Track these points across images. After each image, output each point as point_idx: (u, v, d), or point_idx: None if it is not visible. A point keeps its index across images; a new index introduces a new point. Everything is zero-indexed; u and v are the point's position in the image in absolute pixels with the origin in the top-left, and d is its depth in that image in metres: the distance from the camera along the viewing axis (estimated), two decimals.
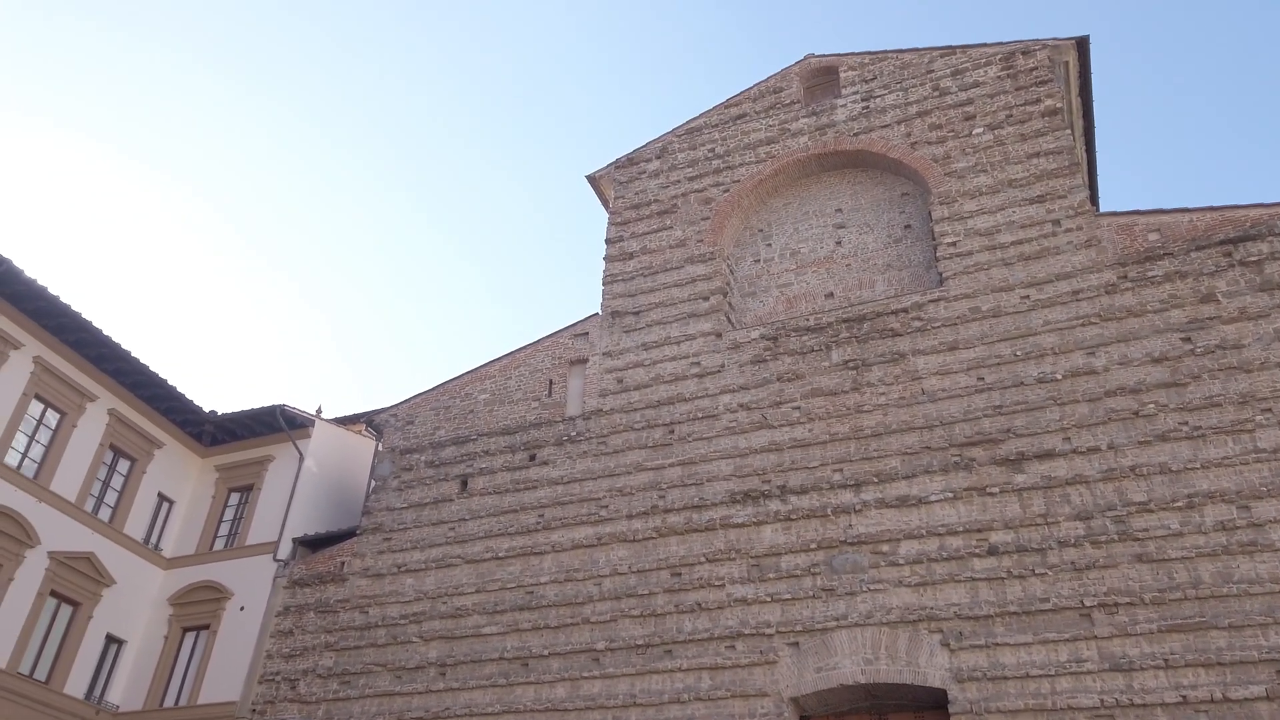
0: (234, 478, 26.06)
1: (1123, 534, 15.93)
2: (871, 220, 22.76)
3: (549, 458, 21.89)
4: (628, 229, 24.79)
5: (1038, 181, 20.40)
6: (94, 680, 22.84)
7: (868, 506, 18.04)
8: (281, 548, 23.61)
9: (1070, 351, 18.14)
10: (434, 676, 19.84)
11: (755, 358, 21.00)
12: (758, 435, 19.95)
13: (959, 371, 18.84)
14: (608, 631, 18.82)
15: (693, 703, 17.37)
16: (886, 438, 18.70)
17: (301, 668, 21.28)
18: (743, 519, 18.95)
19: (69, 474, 22.97)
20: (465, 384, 24.42)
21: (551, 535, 20.63)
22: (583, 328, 23.77)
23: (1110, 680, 14.87)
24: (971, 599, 16.35)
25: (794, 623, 17.41)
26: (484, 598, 20.43)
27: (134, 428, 24.87)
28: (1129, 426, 16.94)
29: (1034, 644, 15.55)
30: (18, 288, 21.84)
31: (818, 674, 16.80)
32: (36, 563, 21.79)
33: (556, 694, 18.53)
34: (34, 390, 22.48)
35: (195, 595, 23.99)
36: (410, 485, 23.10)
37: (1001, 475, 17.36)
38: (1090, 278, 18.76)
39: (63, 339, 23.12)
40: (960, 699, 15.55)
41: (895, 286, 21.43)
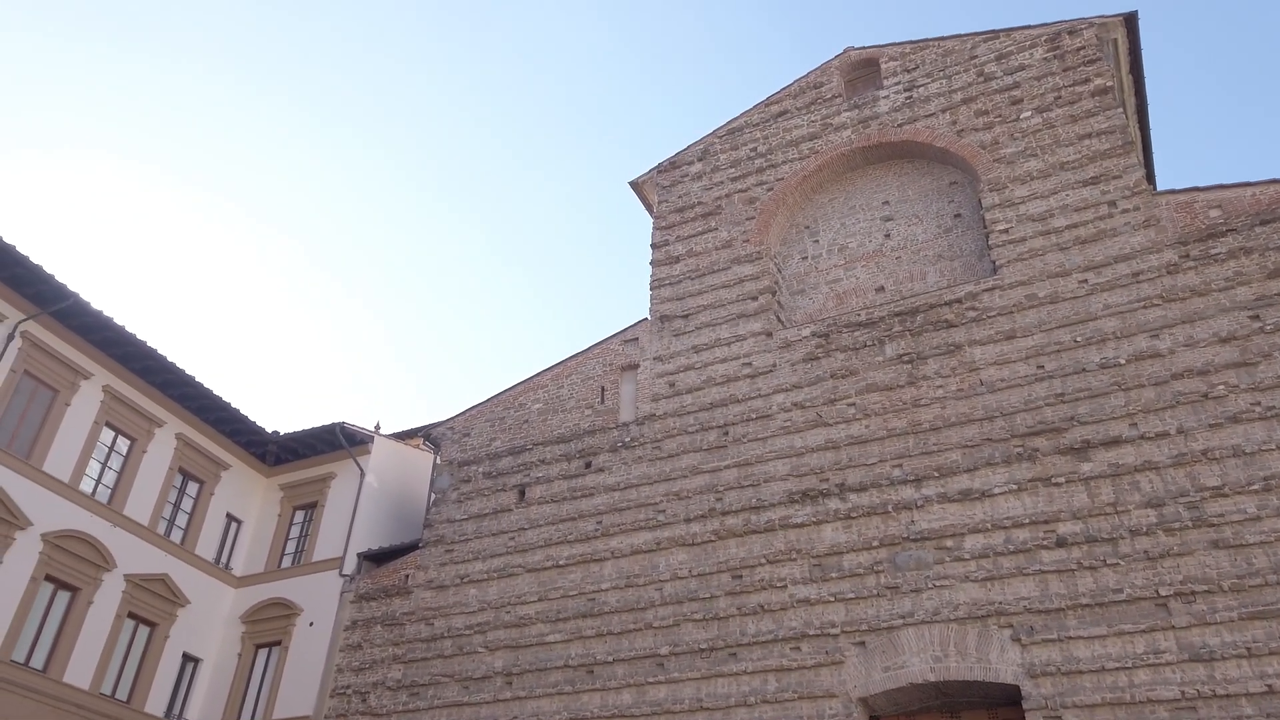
0: (298, 496, 26.59)
1: (1197, 520, 15.46)
2: (920, 211, 22.46)
3: (604, 464, 21.96)
4: (673, 232, 24.78)
5: (1091, 163, 19.94)
6: (173, 699, 23.46)
7: (929, 502, 17.77)
8: (347, 563, 24.02)
9: (1133, 335, 17.68)
10: (500, 686, 20.00)
11: (807, 356, 20.83)
12: (813, 434, 19.78)
13: (1017, 360, 18.47)
14: (671, 636, 18.80)
15: (759, 705, 17.26)
16: (946, 431, 18.41)
17: (371, 680, 21.61)
18: (802, 519, 18.79)
19: (141, 498, 23.65)
20: (519, 394, 24.62)
21: (610, 541, 20.68)
22: (632, 333, 23.81)
23: (1191, 671, 14.43)
24: (1041, 592, 16.00)
25: (859, 622, 17.21)
26: (546, 606, 20.54)
27: (201, 451, 25.53)
28: (1198, 409, 16.44)
29: (1109, 636, 15.16)
30: (85, 319, 22.57)
31: (886, 673, 16.57)
32: (114, 586, 22.46)
33: (623, 700, 18.55)
34: (104, 418, 23.19)
35: (266, 613, 24.52)
36: (469, 497, 23.35)
37: (1067, 464, 16.97)
38: (1150, 258, 18.27)
39: (130, 367, 23.82)
40: (1034, 694, 15.22)
41: (947, 277, 21.10)
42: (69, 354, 22.55)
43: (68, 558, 21.50)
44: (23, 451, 21.19)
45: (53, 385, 22.15)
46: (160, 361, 23.85)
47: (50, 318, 22.08)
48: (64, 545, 21.40)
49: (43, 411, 21.88)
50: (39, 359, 21.88)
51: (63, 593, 21.52)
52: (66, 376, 22.44)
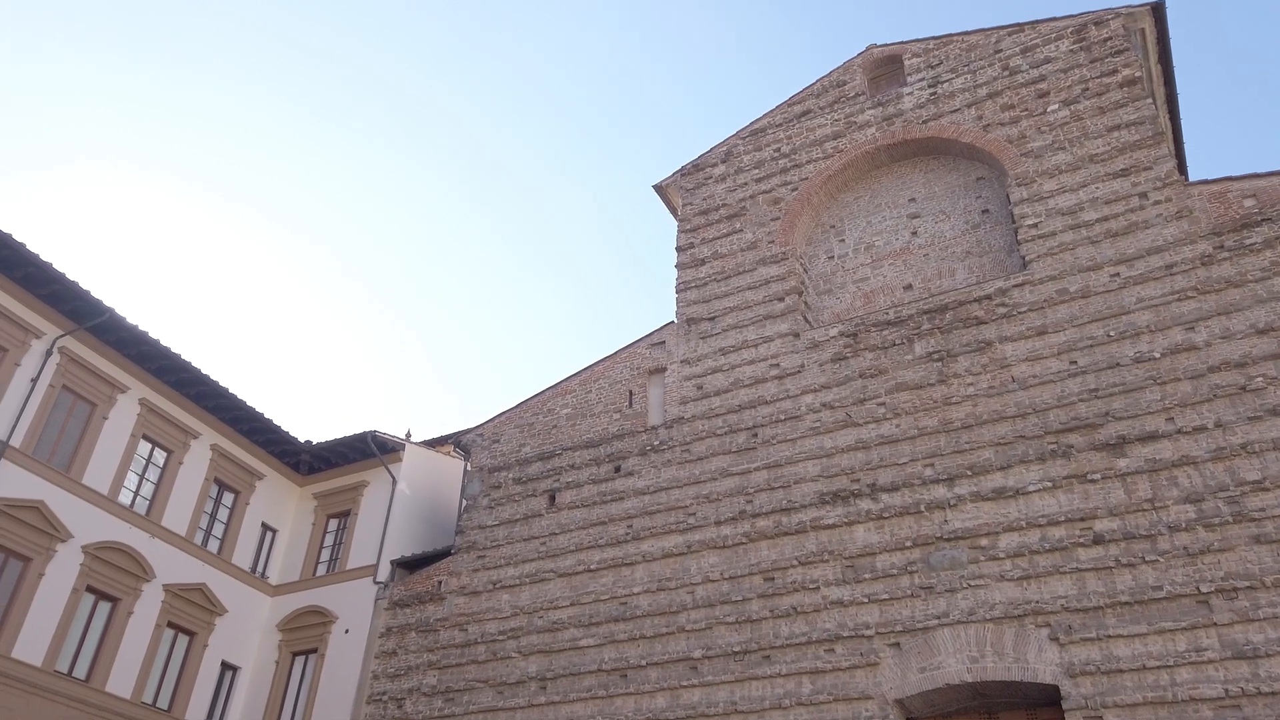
0: (331, 504, 26.85)
1: (1238, 515, 15.18)
2: (947, 207, 22.28)
3: (634, 468, 21.97)
4: (697, 235, 24.77)
5: (1120, 155, 19.68)
6: (212, 707, 23.76)
7: (963, 501, 17.59)
8: (380, 570, 24.22)
9: (1168, 328, 17.41)
10: (535, 691, 20.05)
11: (835, 356, 20.72)
12: (843, 434, 19.66)
13: (1049, 356, 18.26)
14: (704, 639, 18.76)
15: (794, 708, 17.17)
16: (978, 429, 18.23)
17: (407, 687, 21.75)
18: (833, 520, 18.68)
19: (178, 509, 24.00)
20: (547, 400, 24.70)
21: (641, 545, 20.68)
22: (659, 337, 23.82)
23: (1234, 669, 14.17)
24: (1079, 590, 15.79)
25: (894, 623, 17.07)
26: (579, 610, 20.58)
27: (236, 461, 25.87)
28: (1236, 402, 16.16)
29: (1149, 634, 14.92)
30: (121, 334, 22.96)
31: (922, 674, 16.43)
32: (153, 596, 22.80)
33: (657, 704, 18.53)
34: (141, 431, 23.57)
35: (302, 620, 24.77)
36: (500, 503, 23.45)
37: (1102, 461, 16.74)
38: (1184, 250, 18.00)
39: (165, 380, 24.20)
40: (1074, 694, 15.01)
41: (976, 273, 20.91)
42: (106, 368, 22.95)
43: (108, 569, 21.87)
44: (63, 465, 21.58)
45: (90, 399, 22.55)
46: (195, 374, 24.21)
47: (87, 333, 22.49)
48: (104, 556, 21.77)
49: (81, 425, 22.28)
50: (76, 374, 22.28)
51: (104, 603, 21.88)
52: (104, 390, 22.83)
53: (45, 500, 20.77)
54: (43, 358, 21.56)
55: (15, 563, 20.25)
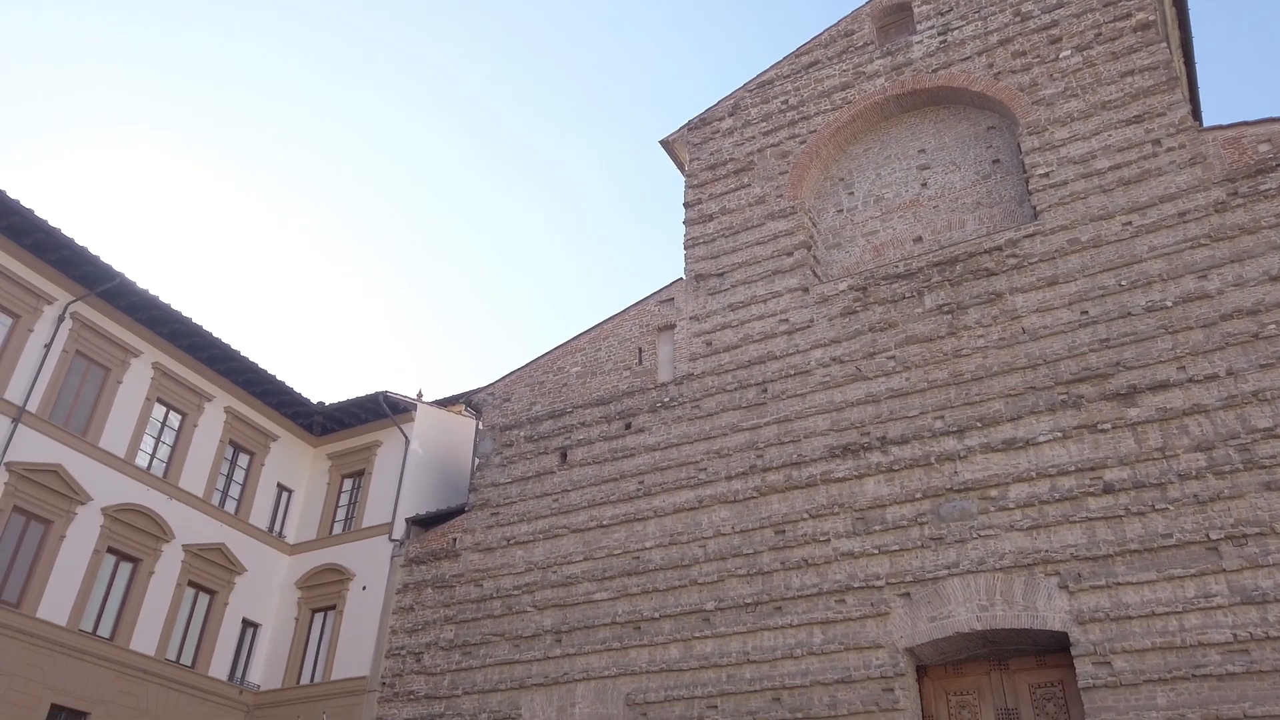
0: (346, 464, 27.12)
1: (1248, 462, 15.20)
2: (957, 158, 22.05)
3: (644, 425, 22.08)
4: (705, 190, 24.61)
5: (1134, 101, 19.40)
6: (235, 663, 24.25)
7: (973, 452, 17.65)
8: (395, 528, 24.53)
9: (1180, 276, 17.29)
10: (550, 643, 20.39)
11: (845, 310, 20.67)
12: (853, 388, 19.69)
13: (1060, 307, 18.18)
14: (716, 592, 18.99)
15: (806, 658, 17.42)
16: (988, 381, 18.22)
17: (424, 641, 22.14)
18: (844, 473, 18.78)
19: (195, 471, 24.30)
20: (556, 358, 24.77)
21: (653, 501, 20.86)
22: (668, 293, 23.78)
23: (1243, 614, 14.28)
24: (1089, 539, 15.89)
25: (904, 573, 17.24)
26: (592, 565, 20.83)
27: (249, 423, 26.10)
28: (1249, 350, 16.09)
29: (1158, 581, 15.03)
30: (133, 299, 23.06)
31: (932, 623, 16.62)
32: (173, 556, 23.18)
33: (670, 655, 18.83)
34: (155, 394, 23.78)
35: (320, 578, 25.16)
36: (512, 460, 23.64)
37: (1113, 410, 16.74)
38: (1197, 197, 17.80)
39: (178, 344, 24.35)
40: (1083, 641, 15.18)
41: (987, 224, 20.75)
42: (118, 333, 23.10)
43: (128, 530, 22.21)
44: (79, 429, 21.82)
45: (104, 364, 22.73)
46: (207, 338, 24.35)
47: (98, 298, 22.59)
48: (123, 518, 22.10)
49: (96, 390, 22.49)
50: (89, 339, 22.44)
51: (125, 564, 22.26)
52: (117, 355, 23.00)
53: (64, 464, 21.05)
54: (55, 323, 21.70)
55: (37, 525, 20.58)
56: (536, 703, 19.88)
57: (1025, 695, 16.36)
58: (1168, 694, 14.29)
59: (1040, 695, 16.23)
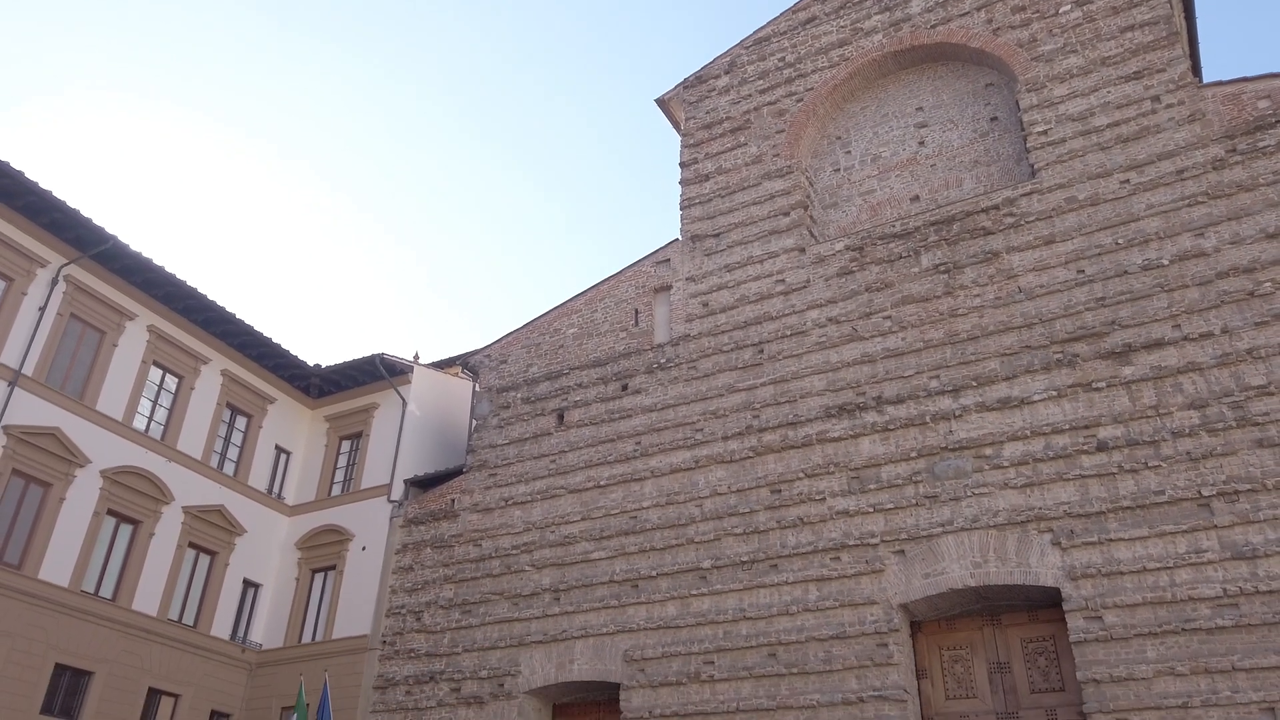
0: (343, 426, 27.21)
1: (1241, 420, 15.29)
2: (955, 116, 21.87)
3: (641, 386, 22.12)
4: (701, 150, 24.42)
5: (1133, 57, 19.21)
6: (236, 622, 24.52)
7: (968, 411, 17.73)
8: (394, 489, 24.67)
9: (1177, 235, 17.25)
10: (549, 602, 20.61)
11: (841, 270, 20.63)
12: (849, 348, 19.71)
13: (1057, 266, 18.15)
14: (712, 550, 19.16)
15: (801, 614, 17.63)
16: (984, 340, 18.25)
17: (424, 600, 22.37)
18: (839, 433, 18.87)
19: (193, 433, 24.37)
20: (553, 320, 24.74)
21: (650, 461, 20.97)
22: (664, 254, 23.69)
23: (1233, 569, 14.46)
24: (1082, 496, 16.02)
25: (898, 531, 17.40)
26: (590, 525, 20.99)
27: (247, 386, 26.13)
28: (1244, 308, 16.11)
29: (1150, 537, 15.19)
30: (126, 261, 22.95)
31: (926, 580, 16.81)
32: (173, 518, 23.32)
33: (668, 612, 19.05)
34: (151, 357, 23.77)
35: (319, 539, 25.36)
36: (509, 422, 23.72)
37: (1108, 369, 16.80)
38: (1195, 154, 17.71)
39: (173, 307, 24.29)
40: (1075, 596, 15.37)
41: (984, 183, 20.65)
42: (113, 296, 23.02)
43: (127, 492, 22.32)
44: (76, 392, 21.83)
45: (99, 327, 22.68)
46: (201, 300, 24.28)
47: (92, 261, 22.49)
48: (122, 480, 22.20)
49: (91, 353, 22.46)
50: (84, 302, 22.37)
51: (125, 526, 22.40)
52: (112, 318, 22.94)
53: (61, 427, 21.09)
54: (49, 286, 21.61)
55: (36, 488, 20.67)
56: (536, 659, 20.15)
57: (1017, 649, 16.60)
58: (1157, 647, 14.51)
59: (1032, 649, 16.48)
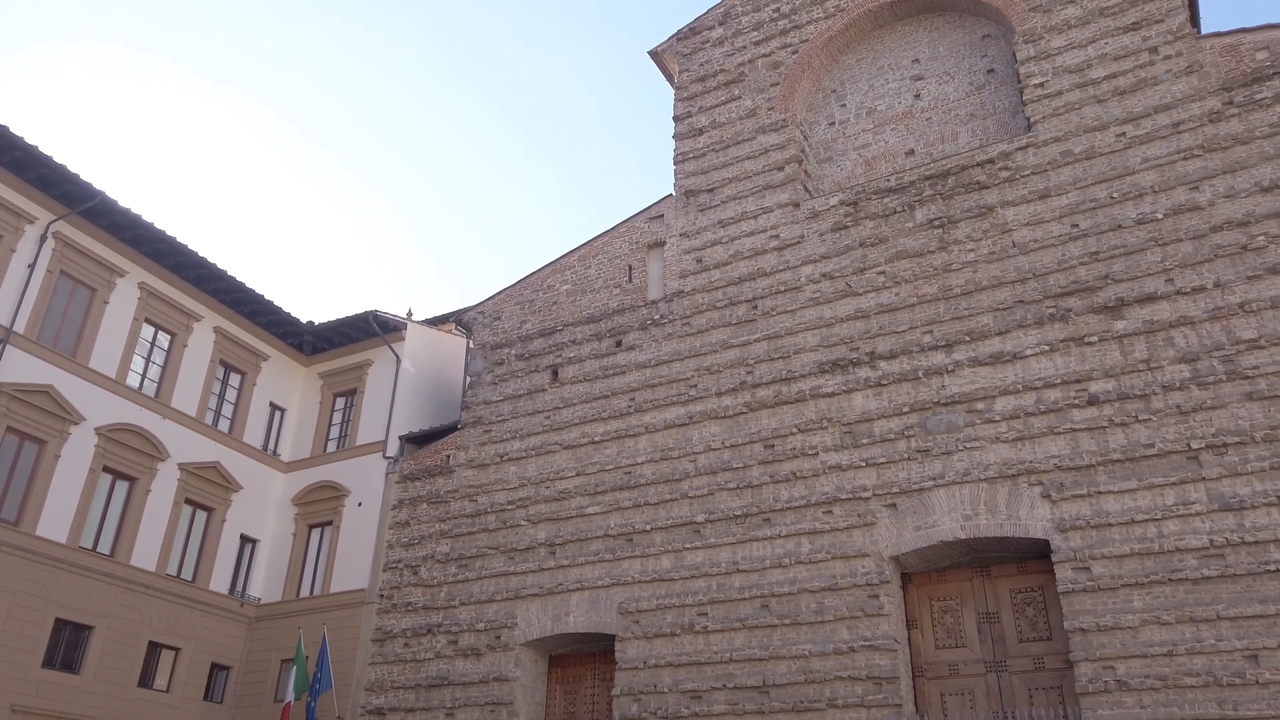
0: (337, 383, 27.22)
1: (1231, 373, 15.39)
2: (951, 68, 21.65)
3: (635, 342, 22.13)
4: (695, 103, 24.16)
5: (1132, 7, 18.99)
6: (235, 577, 24.73)
7: (960, 366, 17.80)
8: (389, 446, 24.75)
9: (1171, 188, 17.20)
10: (544, 556, 20.82)
11: (836, 225, 20.55)
12: (843, 304, 19.72)
13: (1051, 220, 18.11)
14: (706, 505, 19.33)
15: (794, 566, 17.85)
16: (977, 295, 18.27)
17: (421, 555, 22.58)
18: (832, 388, 18.95)
19: (186, 390, 24.35)
20: (546, 276, 24.66)
21: (644, 417, 21.05)
22: (658, 210, 23.56)
23: (1220, 520, 14.65)
24: (1072, 450, 16.16)
25: (890, 485, 17.56)
26: (584, 480, 21.14)
27: (240, 343, 26.07)
28: (1237, 262, 16.12)
29: (1139, 490, 15.36)
30: (115, 218, 22.73)
31: (917, 532, 17.00)
32: (169, 474, 23.40)
33: (662, 565, 19.27)
34: (143, 314, 23.66)
35: (316, 495, 25.50)
36: (504, 379, 23.75)
37: (1100, 323, 16.85)
38: (1192, 107, 17.59)
39: (163, 264, 24.12)
40: (1063, 548, 15.57)
41: (980, 136, 20.51)
42: (102, 253, 22.85)
43: (122, 449, 22.36)
44: (68, 349, 21.76)
45: (90, 284, 22.53)
46: (192, 257, 24.12)
47: (80, 217, 22.27)
48: (117, 437, 22.23)
49: (83, 310, 22.35)
50: (73, 259, 22.20)
51: (121, 482, 22.48)
52: (102, 275, 22.80)
53: (54, 384, 21.06)
54: (38, 243, 21.42)
55: (31, 445, 20.69)
56: (532, 612, 20.40)
57: (1006, 600, 16.86)
58: (1144, 597, 14.75)
59: (1020, 600, 16.74)
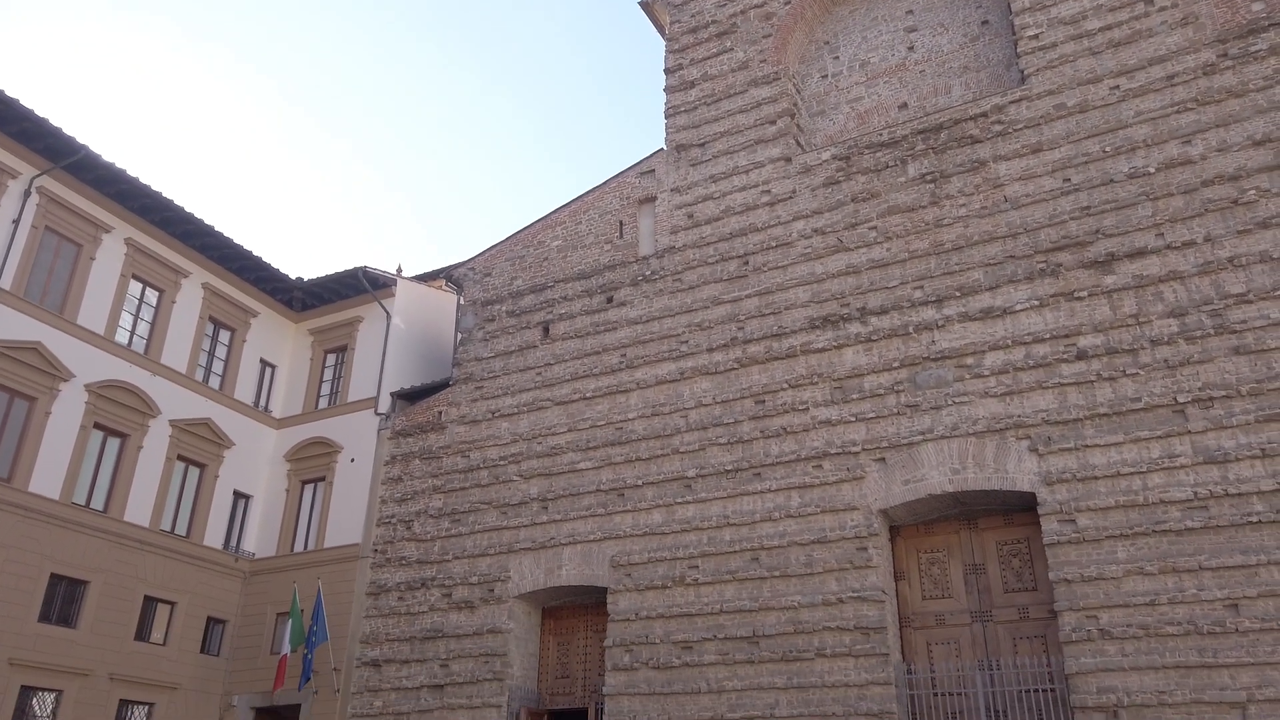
0: (328, 340, 27.15)
1: (1219, 328, 15.47)
2: (945, 19, 21.39)
3: (626, 299, 22.10)
4: (686, 55, 23.86)
5: None
6: (229, 532, 24.89)
7: (950, 321, 17.85)
8: (381, 402, 24.79)
9: (1164, 142, 17.14)
10: (537, 510, 20.98)
11: (828, 180, 20.44)
12: (834, 259, 19.69)
13: (1043, 175, 18.05)
14: (697, 460, 19.46)
15: (784, 520, 18.04)
16: (968, 250, 18.25)
17: (414, 510, 22.72)
18: (823, 344, 19.00)
19: (176, 347, 24.28)
20: (537, 232, 24.52)
21: (635, 373, 21.10)
22: (649, 165, 23.37)
23: (1204, 473, 14.83)
24: (1060, 404, 16.29)
25: (879, 439, 17.69)
26: (576, 436, 21.23)
27: (228, 299, 25.94)
28: (1227, 216, 16.13)
29: (1125, 443, 15.52)
30: (99, 172, 22.45)
31: (905, 486, 17.17)
32: (160, 431, 23.41)
33: (653, 519, 19.45)
34: (131, 270, 23.48)
35: (308, 451, 25.57)
36: (495, 335, 23.72)
37: (1090, 278, 16.88)
38: (1186, 59, 17.46)
39: (149, 219, 23.89)
40: (1049, 500, 15.77)
41: (973, 90, 20.35)
42: (87, 208, 22.61)
43: (113, 406, 22.34)
44: (55, 306, 21.63)
45: (75, 240, 22.33)
46: (179, 212, 23.90)
47: (64, 172, 22.00)
48: (107, 394, 22.19)
49: (69, 266, 22.17)
50: (58, 214, 21.97)
51: (113, 439, 22.49)
52: (88, 230, 22.58)
53: (43, 341, 20.96)
54: (21, 198, 21.18)
55: (21, 402, 20.64)
56: (525, 566, 20.62)
57: (992, 552, 17.10)
58: (1128, 548, 14.98)
59: (1006, 551, 16.98)
